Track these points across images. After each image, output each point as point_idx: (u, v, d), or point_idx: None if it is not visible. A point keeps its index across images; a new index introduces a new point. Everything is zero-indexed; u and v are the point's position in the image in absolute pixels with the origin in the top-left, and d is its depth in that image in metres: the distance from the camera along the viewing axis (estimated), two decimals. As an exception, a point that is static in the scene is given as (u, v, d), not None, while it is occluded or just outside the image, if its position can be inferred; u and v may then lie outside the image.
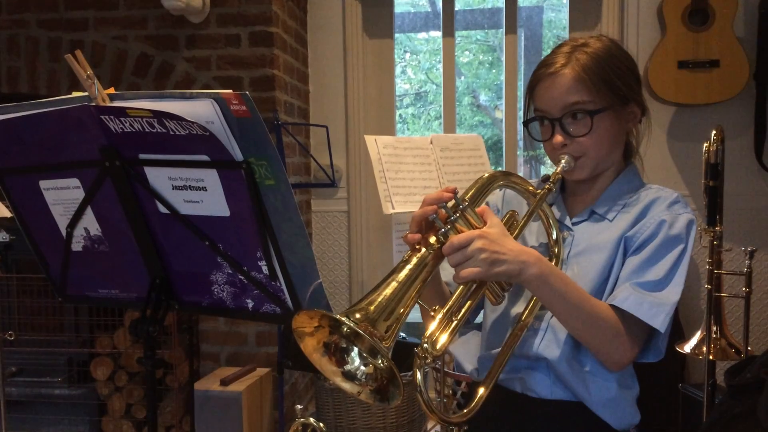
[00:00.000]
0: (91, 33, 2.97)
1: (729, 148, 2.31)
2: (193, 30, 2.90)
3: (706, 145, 2.10)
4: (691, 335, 2.18)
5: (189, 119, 1.00)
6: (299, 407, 1.50)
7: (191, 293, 1.25)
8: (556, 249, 1.26)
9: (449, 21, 3.44)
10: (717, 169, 2.08)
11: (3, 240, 2.24)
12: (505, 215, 1.28)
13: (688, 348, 2.15)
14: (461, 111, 5.97)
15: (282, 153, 2.69)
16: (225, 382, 2.67)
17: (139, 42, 2.94)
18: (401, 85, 6.08)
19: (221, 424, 2.62)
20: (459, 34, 3.93)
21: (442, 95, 3.50)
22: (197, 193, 1.12)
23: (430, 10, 4.79)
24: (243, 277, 1.17)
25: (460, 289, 1.12)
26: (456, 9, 3.45)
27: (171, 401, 2.89)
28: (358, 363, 1.05)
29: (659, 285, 1.18)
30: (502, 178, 1.24)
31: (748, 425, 1.47)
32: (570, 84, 1.23)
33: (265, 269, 1.13)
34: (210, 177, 1.09)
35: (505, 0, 3.37)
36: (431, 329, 1.07)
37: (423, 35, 5.86)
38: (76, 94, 1.16)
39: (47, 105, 1.12)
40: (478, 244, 1.07)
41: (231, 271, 1.18)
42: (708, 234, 2.11)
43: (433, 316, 1.08)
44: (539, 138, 1.31)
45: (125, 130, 1.07)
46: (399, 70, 5.89)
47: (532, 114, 1.31)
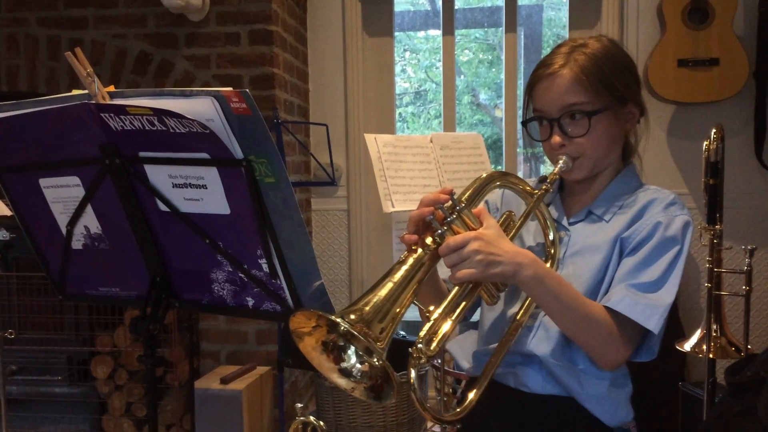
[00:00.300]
0: (91, 31, 2.97)
1: (729, 146, 2.31)
2: (193, 28, 2.90)
3: (706, 144, 2.10)
4: (691, 334, 2.17)
5: (189, 117, 1.00)
6: (299, 406, 1.50)
7: (191, 291, 1.25)
8: (552, 250, 1.26)
9: (449, 19, 3.44)
10: (717, 168, 2.08)
11: (3, 238, 2.24)
12: (502, 215, 1.28)
13: (688, 346, 2.15)
14: (461, 110, 5.97)
15: (282, 151, 2.69)
16: (225, 380, 2.67)
17: (139, 40, 2.94)
18: (401, 84, 6.08)
19: (221, 422, 2.63)
20: (459, 32, 3.93)
21: (441, 94, 3.50)
22: (197, 191, 1.12)
23: (429, 8, 4.79)
24: (243, 275, 1.17)
25: (455, 290, 1.13)
26: (456, 7, 3.45)
27: (171, 400, 2.89)
28: (354, 360, 1.06)
29: (654, 286, 1.18)
30: (499, 178, 1.24)
31: (748, 424, 1.48)
32: (568, 85, 1.23)
33: (266, 267, 1.13)
34: (210, 175, 1.09)
35: (505, -2, 3.37)
36: (426, 329, 1.08)
37: (423, 34, 5.86)
38: (75, 92, 1.16)
39: (47, 103, 1.12)
40: (474, 245, 1.08)
41: (231, 269, 1.18)
42: (708, 232, 2.11)
43: (429, 316, 1.09)
44: (538, 138, 1.31)
45: (125, 127, 1.07)
46: (399, 68, 5.89)
47: (530, 114, 1.32)
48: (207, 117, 1.00)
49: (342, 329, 0.99)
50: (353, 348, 1.05)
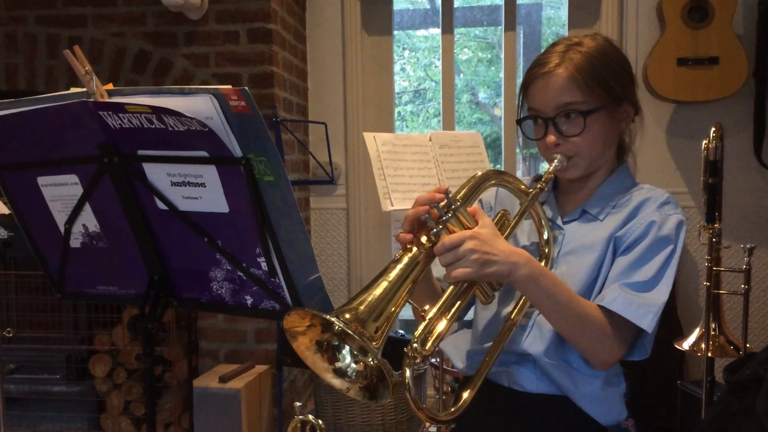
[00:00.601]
0: (90, 30, 2.96)
1: (728, 145, 2.31)
2: (192, 27, 2.89)
3: (705, 143, 2.11)
4: (690, 332, 2.18)
5: (188, 115, 1.00)
6: (298, 404, 1.50)
7: (190, 290, 1.25)
8: (546, 249, 1.26)
9: (448, 18, 3.43)
10: (716, 167, 2.09)
11: (1, 237, 2.24)
12: (497, 214, 1.28)
13: (686, 345, 2.15)
14: (460, 108, 5.97)
15: (281, 150, 2.68)
16: (224, 379, 2.67)
17: (138, 39, 2.94)
18: (400, 83, 6.08)
19: (220, 421, 2.62)
20: (458, 31, 3.92)
21: (440, 92, 3.50)
22: (196, 190, 1.11)
23: (429, 7, 4.79)
24: (242, 274, 1.16)
25: (450, 289, 1.13)
26: (455, 6, 3.45)
27: (170, 398, 2.89)
28: (349, 360, 1.06)
29: (648, 286, 1.18)
30: (494, 177, 1.24)
31: (746, 422, 1.48)
32: (563, 84, 1.23)
33: (265, 266, 1.13)
34: (209, 173, 1.09)
35: (505, -3, 3.37)
36: (421, 329, 1.08)
37: (422, 32, 5.86)
38: (74, 90, 1.16)
39: (45, 101, 1.12)
40: (469, 244, 1.07)
41: (230, 268, 1.17)
42: (707, 231, 2.11)
43: (424, 316, 1.09)
44: (533, 137, 1.31)
45: (124, 126, 1.07)
46: (398, 67, 5.89)
47: (525, 113, 1.31)
48: (206, 115, 1.00)
49: (337, 328, 0.99)
50: (348, 347, 1.05)
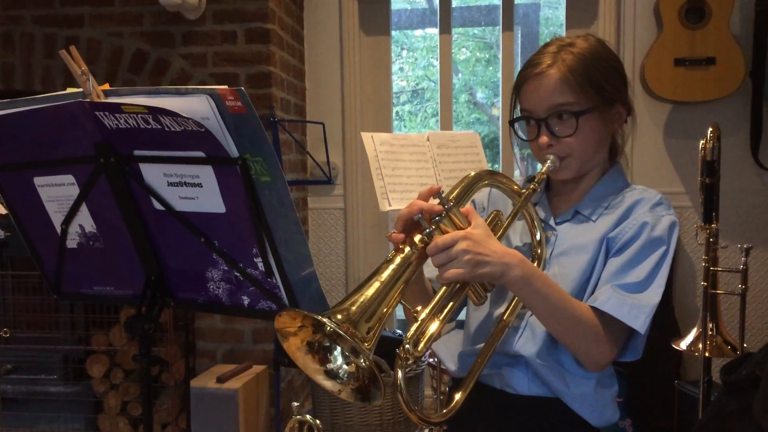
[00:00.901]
0: (87, 29, 2.96)
1: (725, 145, 2.31)
2: (189, 27, 2.89)
3: (702, 143, 2.11)
4: (687, 332, 2.18)
5: (184, 115, 1.00)
6: (296, 404, 1.50)
7: (187, 290, 1.25)
8: (539, 250, 1.26)
9: (446, 18, 3.43)
10: (713, 167, 2.09)
11: (-2, 237, 2.24)
12: (490, 215, 1.28)
13: (684, 345, 2.15)
14: (458, 108, 5.97)
15: (278, 150, 2.68)
16: (221, 379, 2.67)
17: (135, 38, 2.93)
18: (398, 82, 6.08)
19: (217, 421, 2.62)
20: (456, 31, 3.93)
21: (438, 92, 3.50)
22: (192, 190, 1.11)
23: (426, 6, 4.79)
24: (239, 274, 1.16)
25: (442, 290, 1.13)
26: (453, 6, 3.45)
27: (167, 398, 2.89)
28: (340, 362, 1.05)
29: (640, 287, 1.18)
30: (487, 177, 1.24)
31: (743, 422, 1.48)
32: (555, 85, 1.23)
33: (261, 266, 1.13)
34: (205, 173, 1.09)
35: (502, -3, 3.37)
36: (413, 330, 1.08)
37: (420, 32, 5.86)
38: (70, 90, 1.16)
39: (42, 101, 1.12)
40: (462, 245, 1.07)
41: (227, 268, 1.17)
42: (704, 231, 2.11)
43: (416, 317, 1.09)
44: (525, 137, 1.31)
45: (120, 126, 1.07)
46: (396, 67, 5.89)
47: (518, 113, 1.31)
48: (202, 115, 1.00)
49: (328, 330, 0.99)
50: (339, 349, 1.04)
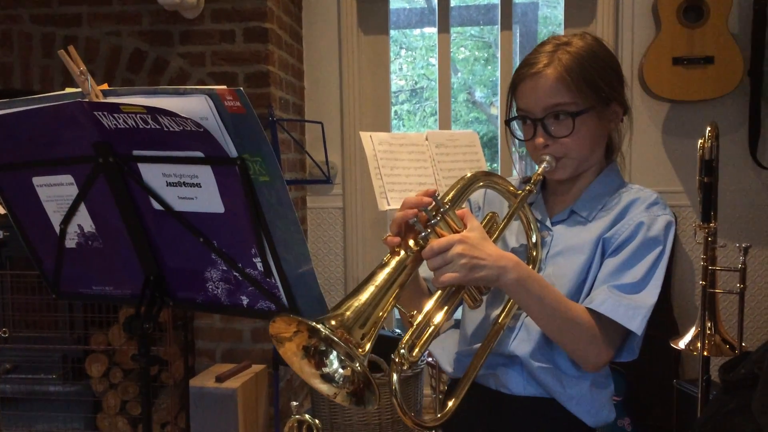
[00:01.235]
0: (85, 28, 2.95)
1: (723, 144, 2.31)
2: (188, 26, 2.89)
3: (700, 142, 2.11)
4: (686, 331, 2.18)
5: (183, 115, 1.00)
6: (295, 404, 1.50)
7: (186, 290, 1.25)
8: (534, 252, 1.26)
9: (445, 17, 3.44)
10: (711, 166, 2.09)
11: (-4, 237, 2.24)
12: (485, 217, 1.27)
13: (682, 344, 2.16)
14: (456, 107, 5.97)
15: (277, 149, 2.68)
16: (220, 378, 2.67)
17: (133, 38, 2.93)
18: (397, 82, 6.08)
19: (216, 420, 2.62)
20: (454, 30, 3.93)
21: (437, 91, 3.50)
22: (191, 190, 1.11)
23: (425, 5, 4.79)
24: (238, 274, 1.16)
25: (438, 294, 1.12)
26: (451, 5, 3.45)
27: (166, 398, 2.89)
28: (336, 365, 1.05)
29: (636, 287, 1.18)
30: (483, 178, 1.23)
31: (742, 420, 1.48)
32: (552, 85, 1.22)
33: (260, 266, 1.13)
34: (204, 173, 1.09)
35: (501, -4, 3.37)
36: (408, 335, 1.08)
37: (418, 31, 5.86)
38: (69, 90, 1.16)
39: (40, 101, 1.12)
40: (457, 249, 1.07)
41: (225, 268, 1.17)
42: (702, 230, 2.12)
43: (411, 321, 1.09)
44: (521, 137, 1.31)
45: (119, 126, 1.07)
46: (394, 66, 5.88)
47: (514, 113, 1.31)
48: (201, 115, 1.00)
49: (323, 335, 0.98)
50: (335, 352, 1.04)
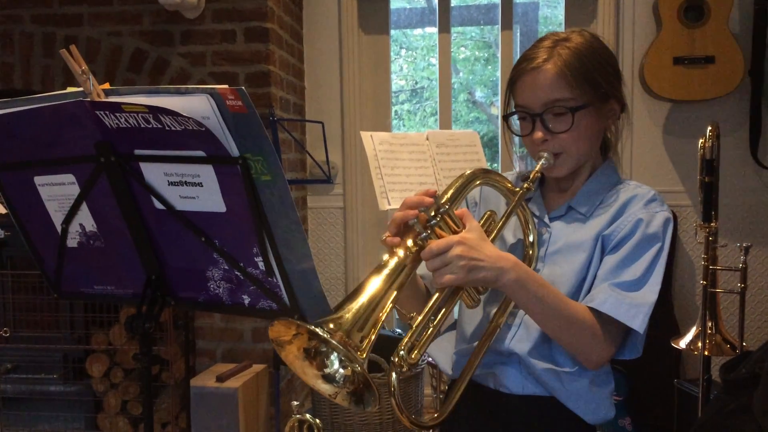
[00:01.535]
0: (86, 29, 2.96)
1: (724, 144, 2.31)
2: (189, 26, 2.89)
3: (701, 141, 2.11)
4: (687, 331, 2.18)
5: (185, 115, 1.00)
6: (295, 404, 1.50)
7: (187, 289, 1.25)
8: (531, 251, 1.25)
9: (445, 17, 3.44)
10: (712, 165, 2.09)
11: (-2, 236, 2.24)
12: (484, 216, 1.27)
13: (683, 344, 2.15)
14: (457, 107, 5.97)
15: (278, 149, 2.68)
16: (221, 378, 2.67)
17: (134, 38, 2.93)
18: (397, 81, 6.08)
19: (217, 420, 2.62)
20: (455, 30, 3.93)
21: (437, 91, 3.50)
22: (193, 189, 1.11)
23: (426, 5, 4.79)
24: (239, 273, 1.16)
25: (436, 295, 1.12)
26: (452, 5, 3.45)
27: (167, 398, 2.89)
28: (337, 365, 1.05)
29: (636, 285, 1.18)
30: (481, 176, 1.23)
31: (743, 421, 1.48)
32: (552, 80, 1.22)
33: (262, 265, 1.13)
34: (206, 173, 1.09)
35: (501, -4, 3.37)
36: (408, 337, 1.08)
37: (419, 31, 5.86)
38: (71, 89, 1.16)
39: (42, 100, 1.12)
40: (457, 250, 1.07)
41: (227, 267, 1.17)
42: (703, 230, 2.11)
43: (411, 323, 1.09)
44: (518, 133, 1.31)
45: (120, 125, 1.07)
46: (395, 66, 5.88)
47: (512, 108, 1.31)
48: (203, 115, 1.00)
49: (322, 339, 0.98)
50: (335, 353, 1.04)
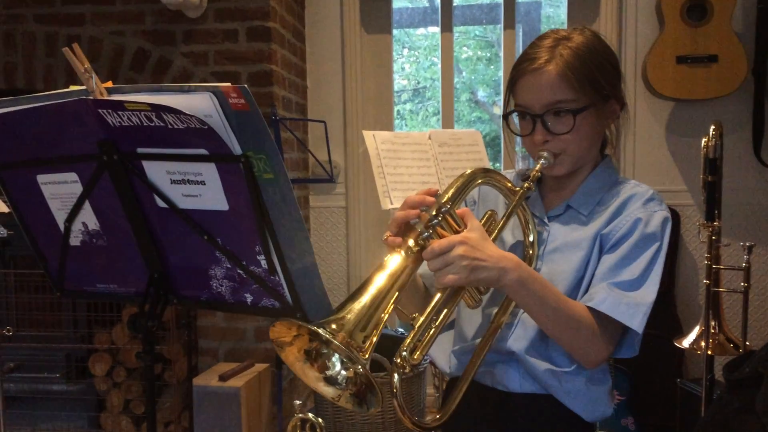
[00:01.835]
0: (88, 28, 2.96)
1: (727, 143, 2.31)
2: (191, 25, 2.89)
3: (704, 141, 2.11)
4: (690, 330, 2.18)
5: (187, 113, 1.00)
6: (298, 402, 1.49)
7: (190, 288, 1.25)
8: (530, 251, 1.26)
9: (447, 16, 3.43)
10: (715, 165, 2.09)
11: (0, 235, 2.24)
12: (484, 215, 1.27)
13: (686, 343, 2.15)
14: (459, 107, 5.96)
15: (280, 148, 2.68)
16: (224, 377, 2.67)
17: (137, 37, 2.93)
18: (399, 81, 6.07)
19: (220, 419, 2.63)
20: (457, 29, 3.92)
21: (440, 91, 3.50)
22: (195, 187, 1.11)
23: (428, 5, 4.78)
24: (242, 272, 1.16)
25: (438, 296, 1.12)
26: (454, 4, 3.45)
27: (170, 397, 2.89)
28: (339, 367, 1.04)
29: (635, 284, 1.18)
30: (482, 175, 1.23)
31: (746, 420, 1.48)
32: (554, 81, 1.21)
33: (264, 263, 1.13)
34: (208, 171, 1.09)
35: (504, -5, 3.37)
36: (410, 338, 1.08)
37: (421, 31, 5.85)
38: (73, 87, 1.16)
39: (44, 99, 1.12)
40: (459, 250, 1.06)
41: (230, 266, 1.17)
42: (706, 229, 2.11)
43: (413, 324, 1.08)
44: (518, 132, 1.30)
45: (123, 123, 1.07)
46: (397, 65, 5.88)
47: (512, 108, 1.30)
48: (205, 113, 1.00)
49: (323, 339, 0.98)
50: (337, 354, 1.04)
